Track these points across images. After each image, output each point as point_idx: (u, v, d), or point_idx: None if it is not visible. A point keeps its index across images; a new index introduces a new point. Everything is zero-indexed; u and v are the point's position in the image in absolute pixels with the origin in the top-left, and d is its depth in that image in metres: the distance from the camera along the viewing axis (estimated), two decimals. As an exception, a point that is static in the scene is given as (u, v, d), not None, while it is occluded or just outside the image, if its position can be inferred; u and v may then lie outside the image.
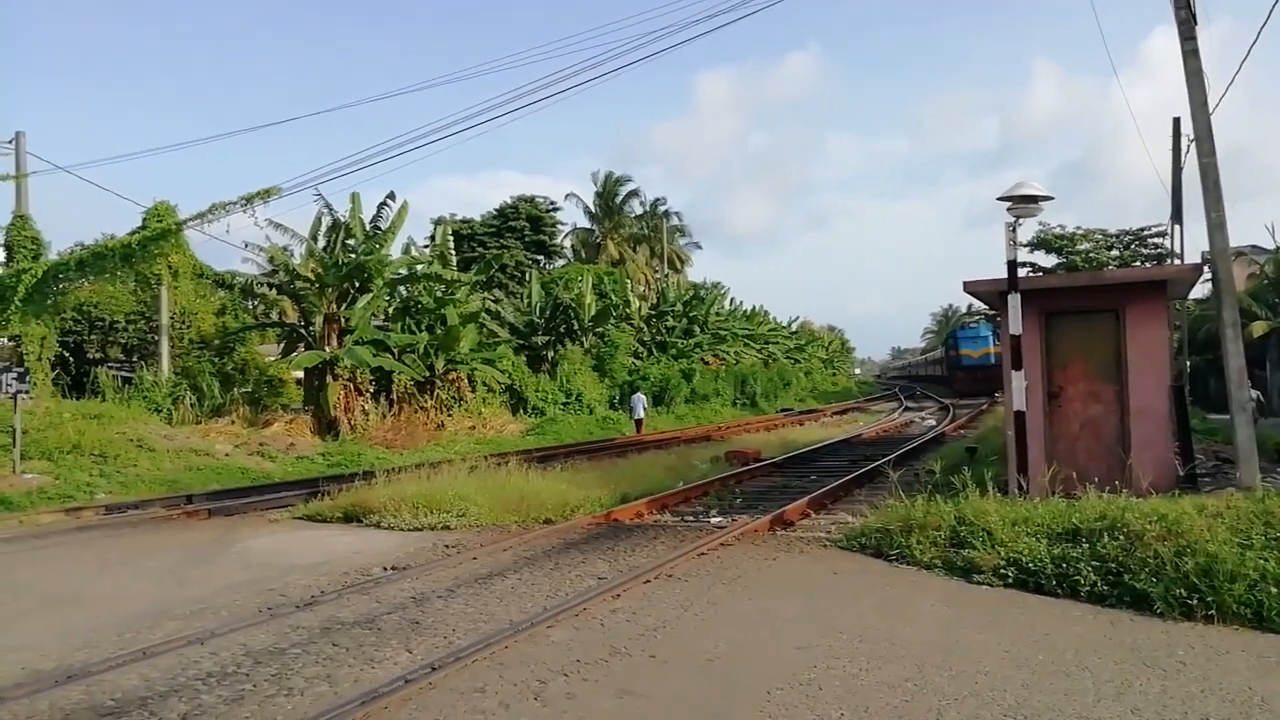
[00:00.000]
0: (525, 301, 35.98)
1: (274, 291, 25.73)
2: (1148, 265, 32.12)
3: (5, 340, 22.41)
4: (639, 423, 28.50)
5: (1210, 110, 10.37)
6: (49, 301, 21.52)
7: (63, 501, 14.73)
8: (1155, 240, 35.69)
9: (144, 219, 23.35)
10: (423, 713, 4.87)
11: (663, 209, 61.45)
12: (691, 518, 11.53)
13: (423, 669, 5.47)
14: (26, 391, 16.70)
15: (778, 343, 61.32)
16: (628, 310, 40.99)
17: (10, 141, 22.69)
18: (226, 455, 19.50)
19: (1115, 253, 36.06)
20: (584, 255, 56.11)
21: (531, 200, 48.84)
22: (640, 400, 29.49)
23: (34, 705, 5.18)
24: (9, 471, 15.93)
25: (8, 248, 22.60)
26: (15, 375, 16.31)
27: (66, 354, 23.73)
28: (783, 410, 40.50)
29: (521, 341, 33.85)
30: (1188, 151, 22.33)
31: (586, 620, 6.62)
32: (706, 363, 43.90)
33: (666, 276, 55.66)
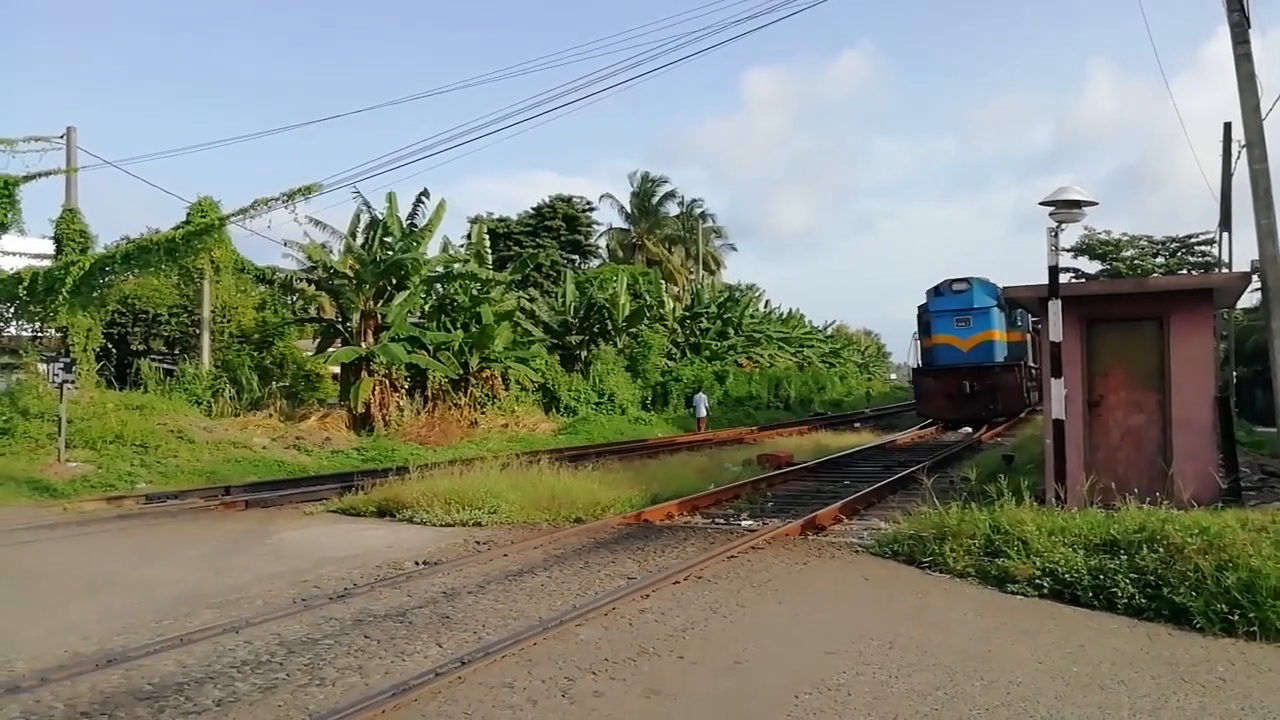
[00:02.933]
0: (560, 301, 36.12)
1: (312, 287, 26.11)
2: (1194, 273, 31.47)
3: (52, 331, 22.95)
4: (700, 421, 29.62)
5: (1263, 115, 10.14)
6: (95, 294, 21.98)
7: (105, 490, 15.07)
8: (1203, 248, 34.96)
9: (188, 214, 23.79)
10: (451, 706, 4.90)
11: (699, 210, 61.40)
12: (722, 520, 11.49)
13: (452, 663, 5.51)
14: (72, 382, 17.10)
15: (813, 346, 60.85)
16: (662, 311, 40.96)
17: (61, 137, 23.23)
18: (264, 448, 19.81)
19: (1161, 260, 35.37)
20: (620, 256, 56.19)
21: (568, 200, 49.02)
22: (702, 400, 30.52)
23: (75, 687, 5.30)
24: (54, 459, 16.32)
25: (57, 241, 23.14)
26: (62, 366, 16.71)
27: (111, 346, 24.23)
28: (816, 414, 40.24)
29: (555, 340, 33.98)
30: (1238, 158, 21.86)
31: (615, 619, 6.63)
32: (740, 365, 43.73)
33: (701, 278, 55.55)
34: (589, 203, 51.65)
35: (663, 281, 45.35)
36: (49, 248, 24.06)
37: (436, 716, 4.78)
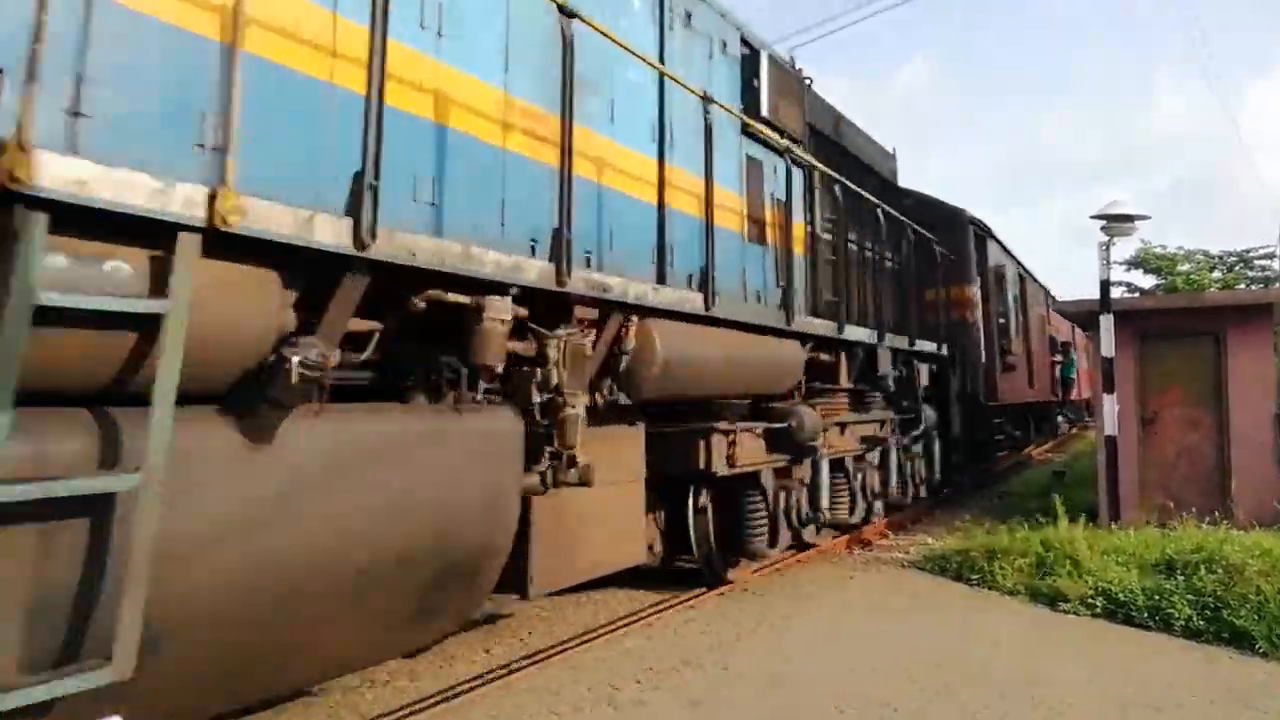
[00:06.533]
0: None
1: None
2: (1253, 288, 30.61)
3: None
4: None
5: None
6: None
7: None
8: (1262, 262, 34.02)
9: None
10: (498, 711, 4.96)
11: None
12: (766, 533, 11.39)
13: (499, 669, 5.57)
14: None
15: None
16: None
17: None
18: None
19: (1218, 274, 34.52)
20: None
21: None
22: None
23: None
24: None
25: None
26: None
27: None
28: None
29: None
30: (1299, 170, 21.29)
31: (660, 629, 6.64)
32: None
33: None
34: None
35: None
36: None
37: (484, 721, 4.84)
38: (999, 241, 16.26)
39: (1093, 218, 9.85)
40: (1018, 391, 16.66)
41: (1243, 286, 32.06)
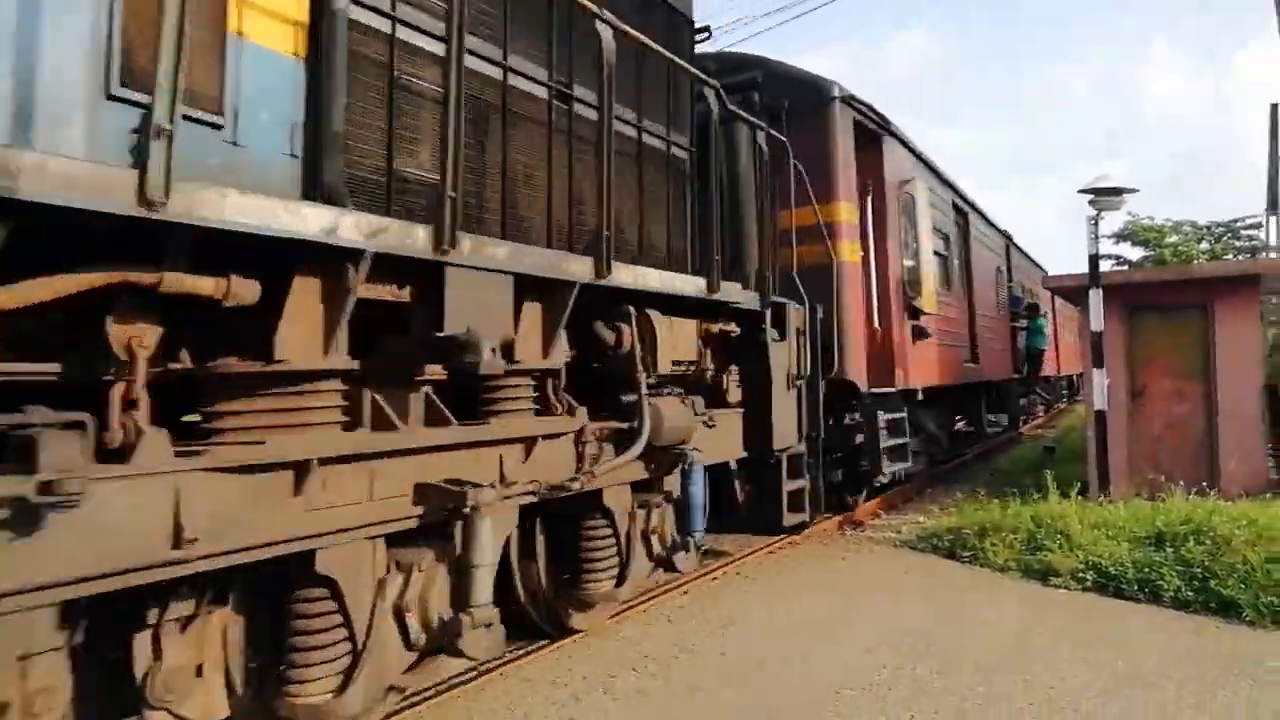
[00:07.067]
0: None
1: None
2: (1240, 258, 30.70)
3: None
4: None
5: (1308, 96, 9.90)
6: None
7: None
8: (1249, 232, 34.12)
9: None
10: (495, 702, 4.98)
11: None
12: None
13: (495, 659, 5.59)
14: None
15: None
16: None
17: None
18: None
19: (1205, 245, 34.61)
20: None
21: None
22: None
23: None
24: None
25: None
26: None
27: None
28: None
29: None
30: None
31: (654, 616, 6.67)
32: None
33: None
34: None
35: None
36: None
37: (481, 712, 4.86)
38: (908, 145, 11.11)
39: (1081, 191, 9.87)
40: (941, 369, 11.87)
41: (1230, 257, 32.13)
